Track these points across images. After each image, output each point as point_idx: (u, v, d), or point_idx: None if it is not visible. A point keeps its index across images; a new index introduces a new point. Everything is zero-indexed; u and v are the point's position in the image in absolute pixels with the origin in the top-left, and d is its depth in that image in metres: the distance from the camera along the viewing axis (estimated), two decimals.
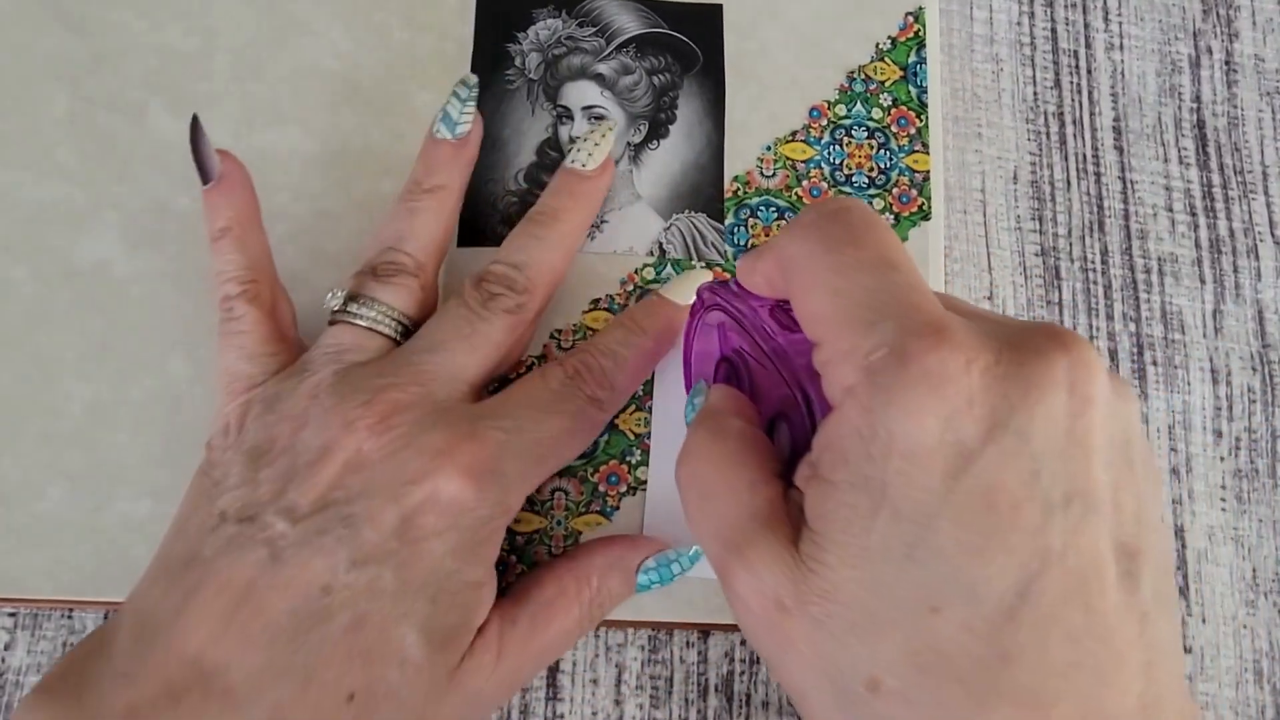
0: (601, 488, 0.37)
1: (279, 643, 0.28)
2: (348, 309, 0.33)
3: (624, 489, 0.37)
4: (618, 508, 0.37)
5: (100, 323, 0.37)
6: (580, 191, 0.36)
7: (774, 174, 0.40)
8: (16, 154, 0.37)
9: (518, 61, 0.41)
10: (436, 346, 0.33)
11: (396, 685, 0.29)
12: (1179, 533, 0.40)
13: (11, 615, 0.35)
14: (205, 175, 0.34)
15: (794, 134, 0.41)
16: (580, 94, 0.40)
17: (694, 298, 0.35)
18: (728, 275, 0.39)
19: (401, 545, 0.30)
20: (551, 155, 0.40)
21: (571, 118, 0.40)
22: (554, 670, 0.36)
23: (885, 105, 0.41)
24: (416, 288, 0.34)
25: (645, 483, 0.37)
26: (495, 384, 0.37)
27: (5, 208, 0.37)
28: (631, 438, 0.37)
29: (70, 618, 0.35)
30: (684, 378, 0.36)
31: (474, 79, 0.35)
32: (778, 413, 0.29)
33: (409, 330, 0.34)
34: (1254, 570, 0.40)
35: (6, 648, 0.35)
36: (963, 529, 0.22)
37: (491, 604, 0.32)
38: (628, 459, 0.37)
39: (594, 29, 0.41)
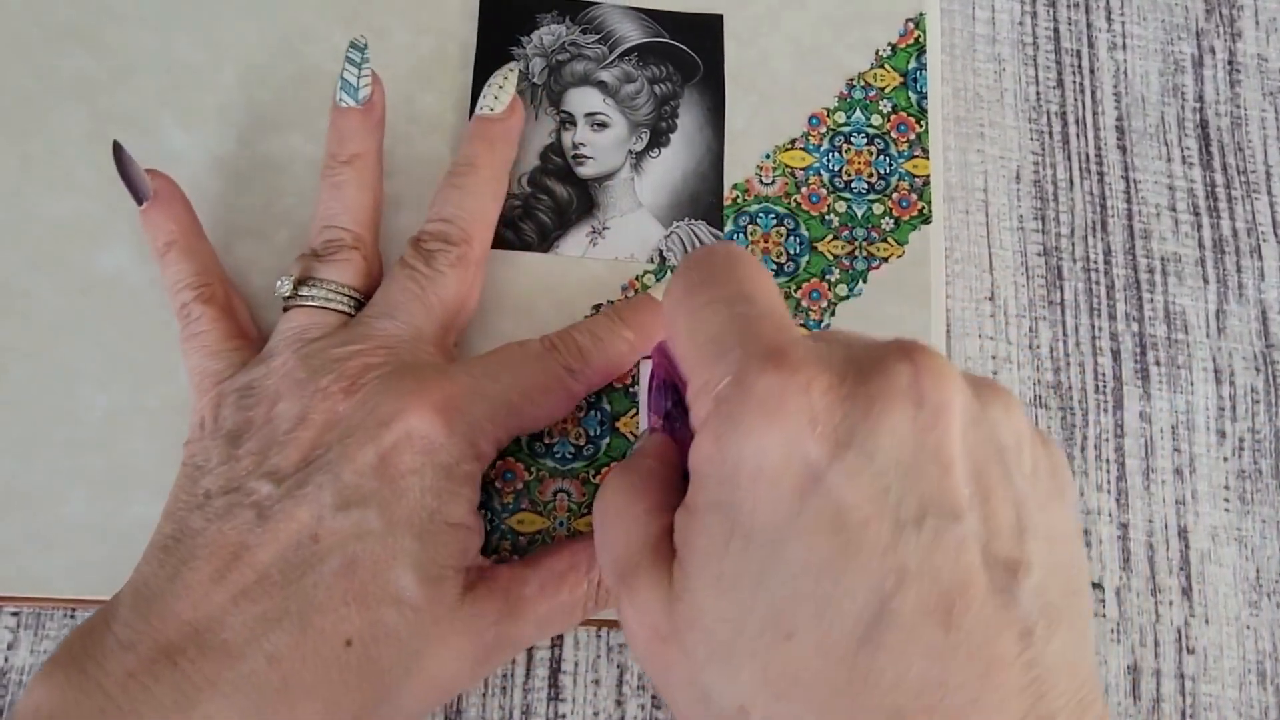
0: None
1: (272, 593, 0.29)
2: (298, 293, 0.34)
3: None
4: None
5: (117, 332, 0.38)
6: (493, 135, 0.37)
7: (773, 181, 0.40)
8: (40, 173, 0.39)
9: (521, 66, 0.41)
10: (393, 311, 0.34)
11: (395, 625, 0.30)
12: (1182, 533, 0.40)
13: (14, 615, 0.36)
14: (138, 196, 0.35)
15: (793, 142, 0.41)
16: (583, 100, 0.41)
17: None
18: None
19: (382, 484, 0.31)
20: (555, 160, 0.40)
21: (574, 123, 0.40)
22: (556, 670, 0.37)
23: (885, 111, 0.41)
24: (359, 259, 0.35)
25: None
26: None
27: (29, 224, 0.38)
28: (633, 440, 0.38)
29: (73, 617, 0.36)
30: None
31: (363, 40, 0.36)
32: None
33: (360, 303, 0.35)
34: (1257, 571, 0.40)
35: (10, 647, 0.35)
36: (812, 550, 0.21)
37: (478, 549, 0.33)
38: None
39: (597, 36, 0.41)
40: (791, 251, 0.40)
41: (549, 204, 0.40)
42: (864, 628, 0.21)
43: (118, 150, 0.35)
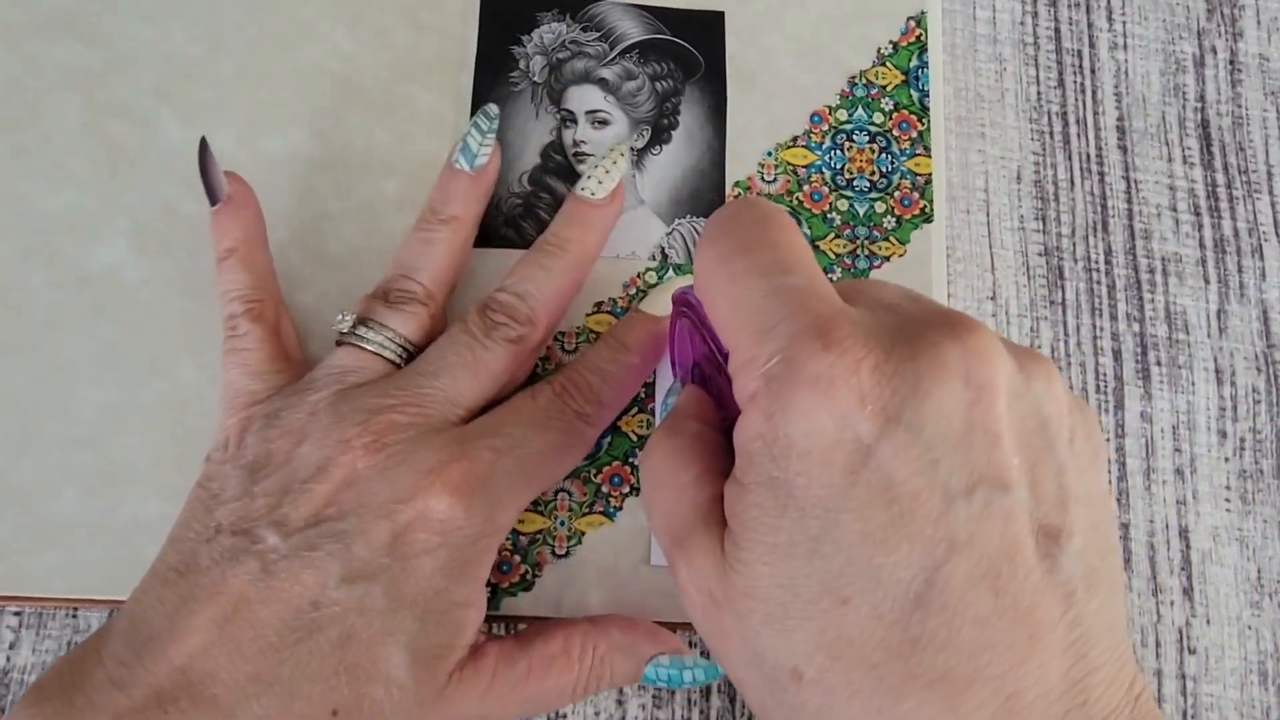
0: (604, 488, 0.37)
1: (266, 655, 0.29)
2: (355, 332, 0.34)
3: (627, 490, 0.37)
4: (620, 508, 0.37)
5: (112, 328, 0.37)
6: (589, 220, 0.37)
7: (775, 179, 0.40)
8: (32, 165, 0.38)
9: (522, 64, 0.41)
10: (438, 371, 0.33)
11: (380, 702, 0.30)
12: (1183, 534, 0.40)
13: (16, 615, 0.36)
14: (213, 196, 0.34)
15: (795, 139, 0.41)
16: (584, 98, 0.41)
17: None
18: None
19: (393, 561, 0.30)
20: (555, 158, 0.40)
21: (575, 121, 0.40)
22: None
23: (887, 110, 0.41)
24: (425, 316, 0.35)
25: None
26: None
27: (21, 217, 0.38)
28: (634, 439, 0.38)
29: (75, 617, 0.36)
30: (671, 379, 0.36)
31: (495, 110, 0.36)
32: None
33: (412, 356, 0.34)
34: (1259, 571, 0.40)
35: (12, 647, 0.35)
36: (865, 521, 0.22)
37: (478, 626, 0.32)
38: (630, 460, 0.37)
39: (598, 34, 0.41)
40: None
41: (550, 202, 0.39)
42: (917, 594, 0.22)
43: (203, 147, 0.34)
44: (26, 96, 0.39)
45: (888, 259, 0.40)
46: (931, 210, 0.40)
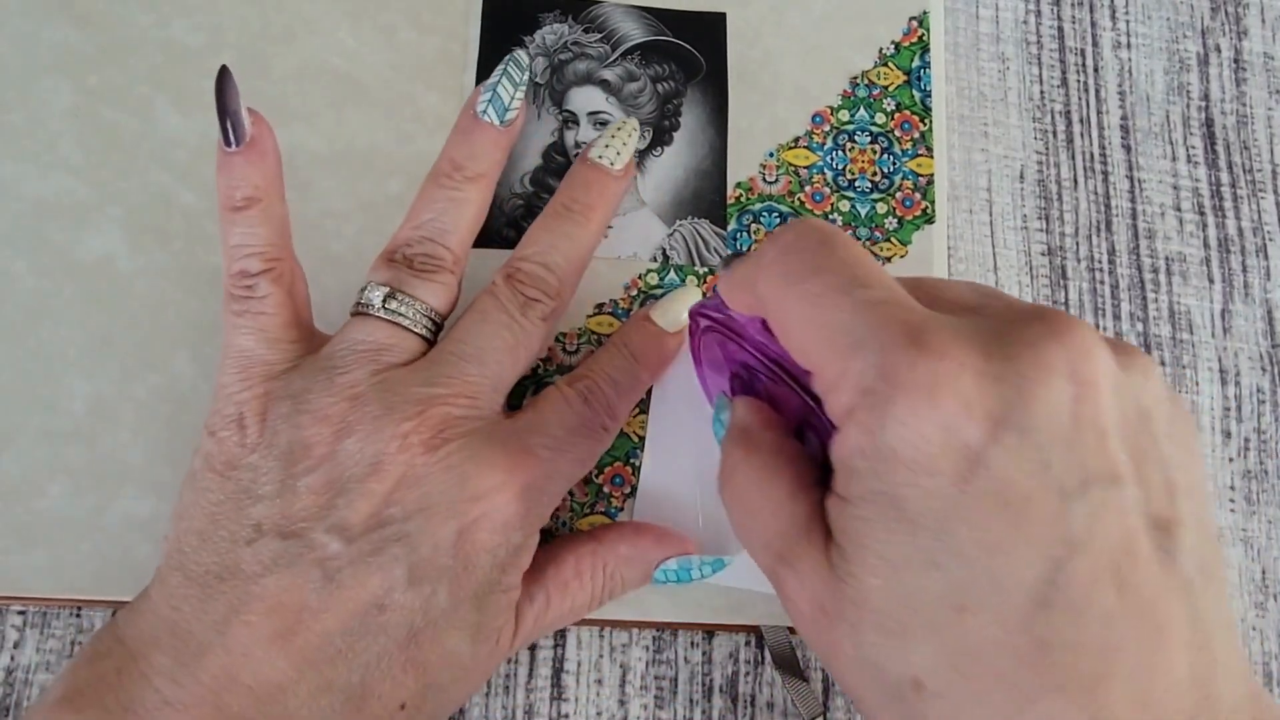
0: (606, 489, 0.37)
1: (336, 662, 0.29)
2: (387, 306, 0.32)
3: (628, 490, 0.37)
4: (621, 508, 0.37)
5: (103, 318, 0.36)
6: (607, 190, 0.36)
7: (776, 180, 0.40)
8: (19, 147, 0.37)
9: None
10: (481, 356, 0.32)
11: (445, 683, 0.31)
12: None
13: (20, 613, 0.35)
14: (234, 135, 0.31)
15: (796, 140, 0.41)
16: (586, 99, 0.41)
17: (684, 320, 0.36)
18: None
19: (455, 561, 0.30)
20: (557, 160, 0.40)
21: (577, 123, 0.40)
22: (559, 670, 0.37)
23: (889, 110, 0.41)
24: (453, 285, 0.33)
25: None
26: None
27: (6, 201, 0.37)
28: (635, 439, 0.38)
29: (79, 615, 0.36)
30: (703, 392, 0.36)
31: (526, 59, 0.34)
32: (801, 419, 0.29)
33: (438, 328, 0.33)
34: (1263, 572, 0.40)
35: (16, 646, 0.35)
36: (980, 529, 0.22)
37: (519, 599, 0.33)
38: (631, 460, 0.38)
39: (600, 35, 0.41)
40: None
41: None
42: (1039, 597, 0.21)
43: (224, 76, 0.31)
44: (14, 77, 0.38)
45: (889, 260, 0.40)
46: (933, 211, 0.40)
